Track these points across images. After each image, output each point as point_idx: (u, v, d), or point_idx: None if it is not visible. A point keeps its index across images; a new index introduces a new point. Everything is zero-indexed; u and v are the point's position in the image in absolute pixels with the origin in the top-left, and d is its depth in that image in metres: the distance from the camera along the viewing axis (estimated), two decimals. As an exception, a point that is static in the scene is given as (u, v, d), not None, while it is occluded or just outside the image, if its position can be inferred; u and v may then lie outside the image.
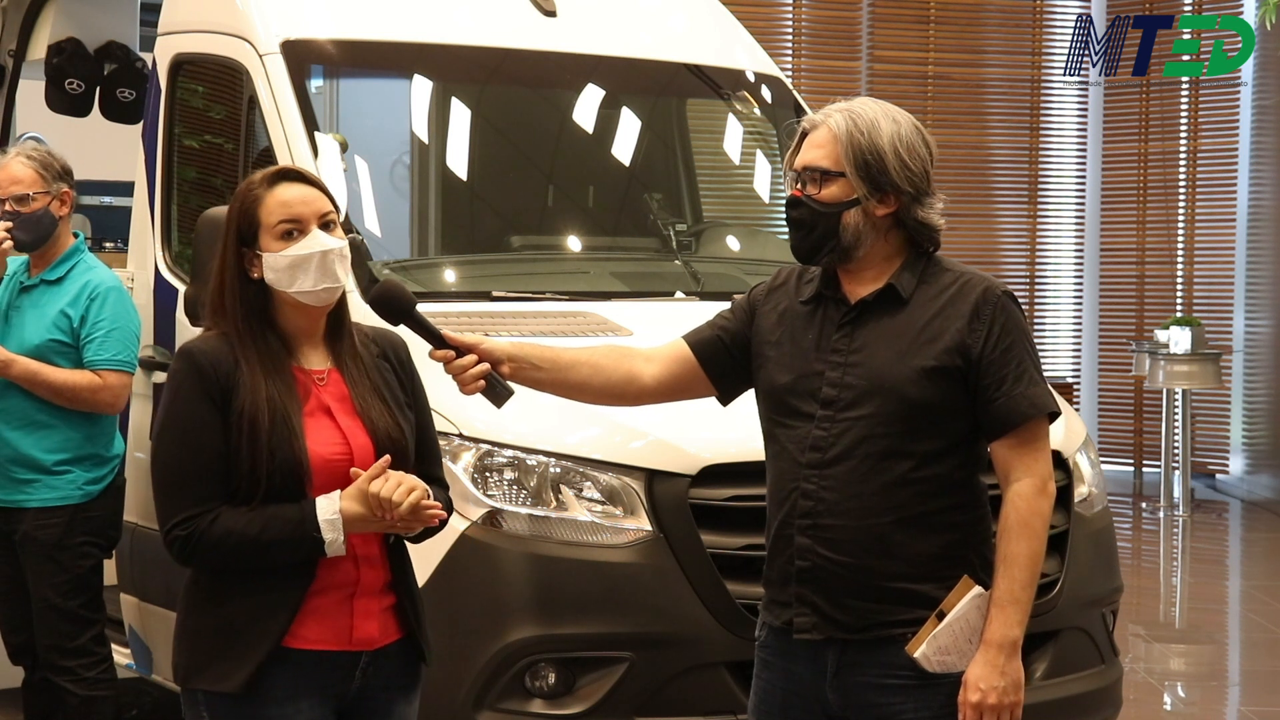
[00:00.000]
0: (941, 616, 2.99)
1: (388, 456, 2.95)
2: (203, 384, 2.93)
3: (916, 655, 2.99)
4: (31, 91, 7.01)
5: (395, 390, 3.13)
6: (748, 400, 3.28)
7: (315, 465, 2.96)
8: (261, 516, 2.91)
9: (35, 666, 5.01)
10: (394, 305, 3.19)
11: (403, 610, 3.10)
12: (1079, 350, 14.39)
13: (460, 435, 4.15)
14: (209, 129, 5.47)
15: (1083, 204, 14.39)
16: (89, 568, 4.90)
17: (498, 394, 3.16)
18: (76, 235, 5.03)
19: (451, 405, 4.06)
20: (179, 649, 3.04)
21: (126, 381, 4.86)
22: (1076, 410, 10.92)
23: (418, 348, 3.19)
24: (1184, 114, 13.87)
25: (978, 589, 3.00)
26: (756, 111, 5.99)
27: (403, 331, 3.20)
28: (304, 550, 2.92)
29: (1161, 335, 12.32)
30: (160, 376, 5.05)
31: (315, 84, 5.16)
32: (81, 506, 4.84)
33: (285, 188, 3.04)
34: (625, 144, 5.67)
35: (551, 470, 4.15)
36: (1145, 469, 13.82)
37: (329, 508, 2.92)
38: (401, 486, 2.91)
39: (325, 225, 3.05)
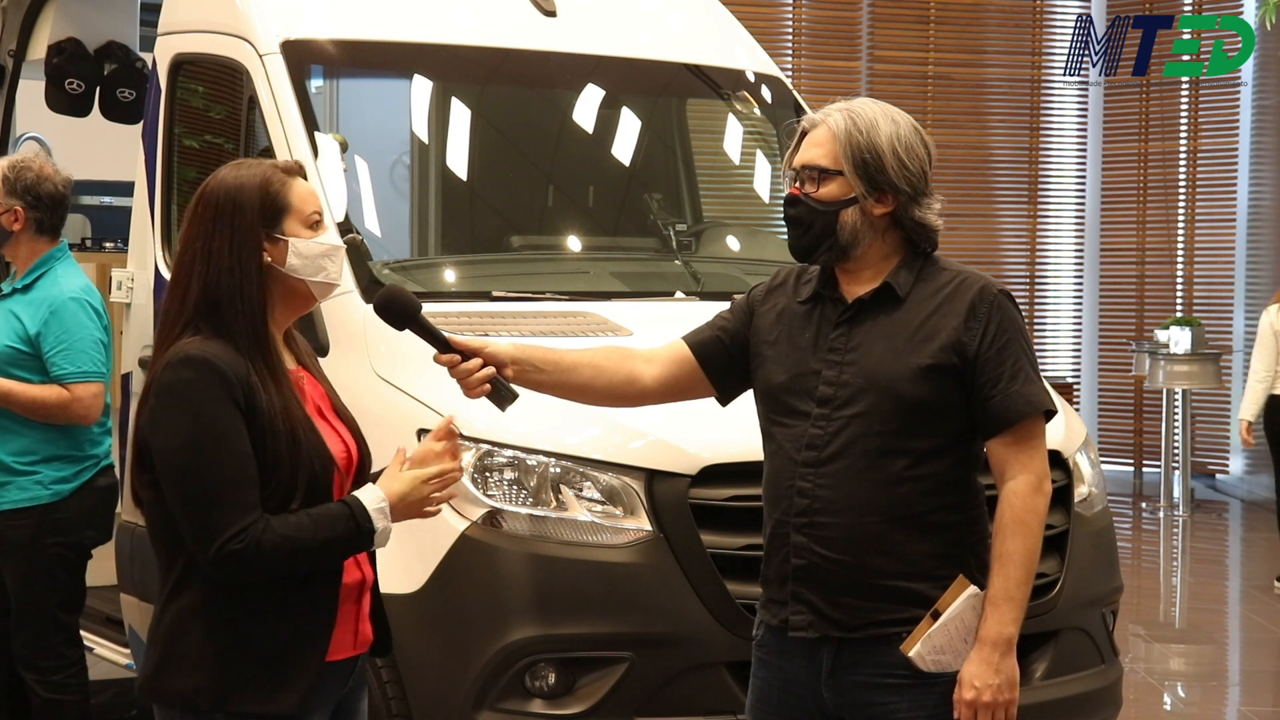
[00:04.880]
0: (936, 616, 2.99)
1: (403, 448, 2.96)
2: (227, 390, 2.79)
3: (911, 654, 2.99)
4: (31, 91, 7.01)
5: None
6: (748, 400, 3.28)
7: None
8: (311, 519, 2.81)
9: (9, 665, 5.03)
10: (399, 310, 3.16)
11: (375, 605, 3.08)
12: (1079, 350, 14.40)
13: (460, 435, 4.13)
14: (209, 129, 5.47)
15: (1083, 204, 14.39)
16: (62, 568, 4.92)
17: (502, 397, 3.16)
18: (61, 243, 5.04)
19: (451, 405, 4.06)
20: (197, 672, 2.84)
21: (96, 390, 4.89)
22: (1076, 410, 10.92)
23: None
24: (1184, 114, 13.88)
25: (973, 588, 3.00)
26: (756, 111, 5.98)
27: (406, 334, 3.19)
28: (356, 546, 2.85)
29: (1161, 335, 12.33)
30: (161, 377, 5.04)
31: (315, 84, 5.16)
32: (51, 506, 4.86)
33: (303, 182, 3.01)
34: (625, 144, 5.67)
35: (551, 470, 4.14)
36: (1145, 469, 13.82)
37: (375, 497, 2.85)
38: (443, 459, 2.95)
39: None
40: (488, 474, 4.14)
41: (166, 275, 5.24)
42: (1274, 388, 9.54)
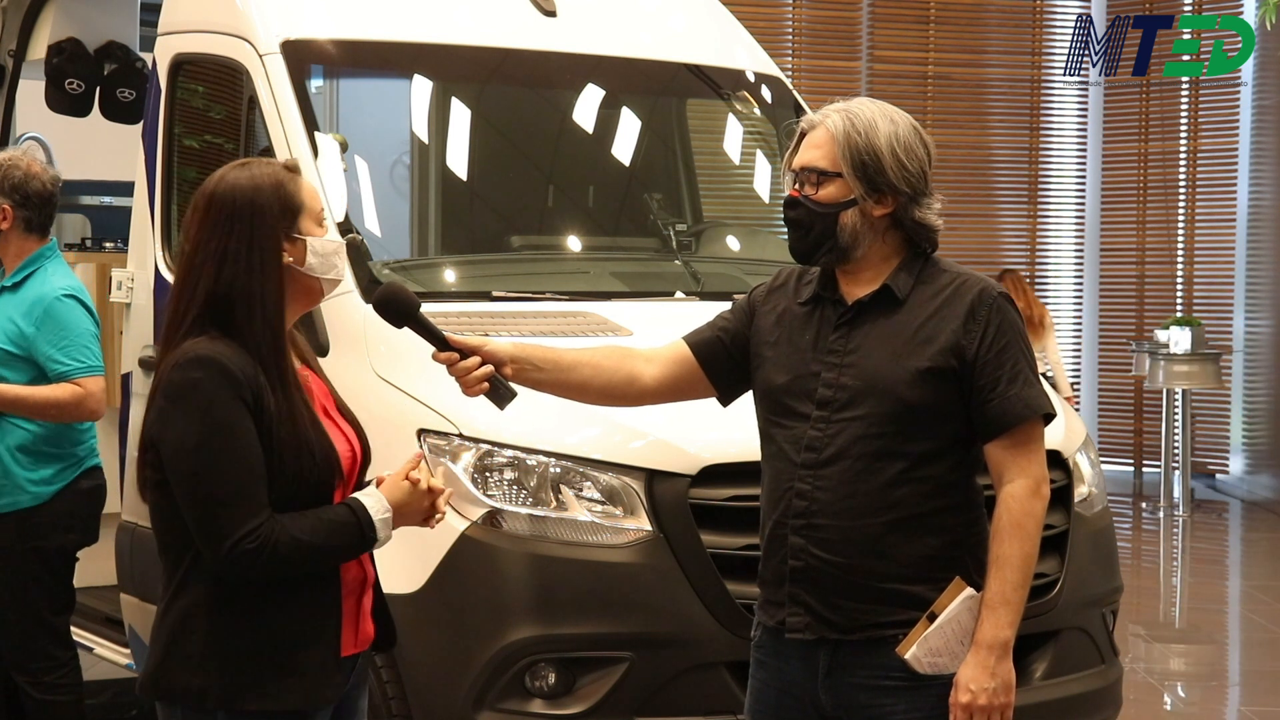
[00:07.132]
0: (933, 618, 2.99)
1: (420, 451, 2.97)
2: (236, 390, 2.80)
3: (907, 657, 2.99)
4: (31, 91, 7.01)
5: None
6: (748, 401, 3.28)
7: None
8: (319, 523, 2.82)
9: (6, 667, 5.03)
10: (398, 308, 3.17)
11: (377, 603, 3.08)
12: (1079, 350, 14.39)
13: (460, 435, 4.15)
14: (209, 129, 5.47)
15: (1083, 204, 14.39)
16: (46, 571, 4.89)
17: (501, 395, 3.16)
18: (50, 241, 5.03)
19: (451, 405, 4.07)
20: (202, 670, 2.84)
21: (103, 384, 4.87)
22: (1077, 410, 10.93)
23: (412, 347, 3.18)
24: (1184, 114, 13.88)
25: (969, 591, 3.00)
26: (756, 111, 5.98)
27: (405, 334, 3.19)
28: (359, 551, 2.89)
29: (1161, 335, 12.34)
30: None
31: (315, 84, 5.16)
32: (32, 510, 4.84)
33: (306, 180, 3.00)
34: (625, 144, 5.66)
35: (551, 470, 4.14)
36: (1145, 469, 13.82)
37: (378, 506, 2.86)
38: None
39: None
40: (487, 474, 4.14)
41: (166, 275, 5.24)
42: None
